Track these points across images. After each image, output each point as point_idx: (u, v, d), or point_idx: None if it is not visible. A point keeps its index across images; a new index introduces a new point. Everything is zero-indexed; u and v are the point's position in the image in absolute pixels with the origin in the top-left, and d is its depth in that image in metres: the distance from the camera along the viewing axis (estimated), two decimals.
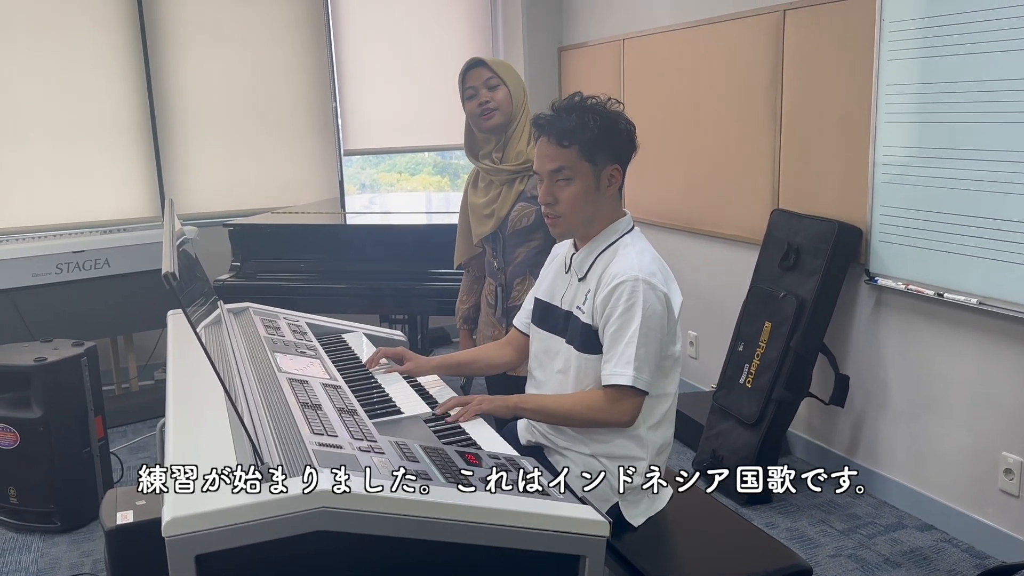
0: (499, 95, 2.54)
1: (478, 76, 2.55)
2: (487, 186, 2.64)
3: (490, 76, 2.54)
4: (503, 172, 2.57)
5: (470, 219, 2.73)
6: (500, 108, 2.54)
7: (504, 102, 2.54)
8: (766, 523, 3.14)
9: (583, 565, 1.47)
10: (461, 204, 2.81)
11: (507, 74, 2.56)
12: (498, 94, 2.54)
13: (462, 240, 2.83)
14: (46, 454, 3.12)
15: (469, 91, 2.57)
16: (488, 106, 2.54)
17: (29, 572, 2.93)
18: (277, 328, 2.39)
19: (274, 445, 1.49)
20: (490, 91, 2.54)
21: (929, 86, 2.85)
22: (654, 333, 1.89)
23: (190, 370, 1.95)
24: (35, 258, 3.92)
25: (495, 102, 2.53)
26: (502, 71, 2.56)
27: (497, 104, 2.54)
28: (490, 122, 2.55)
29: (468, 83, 2.57)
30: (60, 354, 3.18)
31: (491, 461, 1.63)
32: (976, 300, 2.77)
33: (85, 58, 4.56)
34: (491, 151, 2.61)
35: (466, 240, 2.80)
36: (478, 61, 2.57)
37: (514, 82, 2.57)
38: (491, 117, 2.55)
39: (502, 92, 2.54)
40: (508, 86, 2.55)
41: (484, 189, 2.65)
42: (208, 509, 1.26)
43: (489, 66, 2.55)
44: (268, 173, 5.04)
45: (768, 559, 1.87)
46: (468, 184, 2.76)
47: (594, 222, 2.00)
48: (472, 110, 2.58)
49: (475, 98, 2.56)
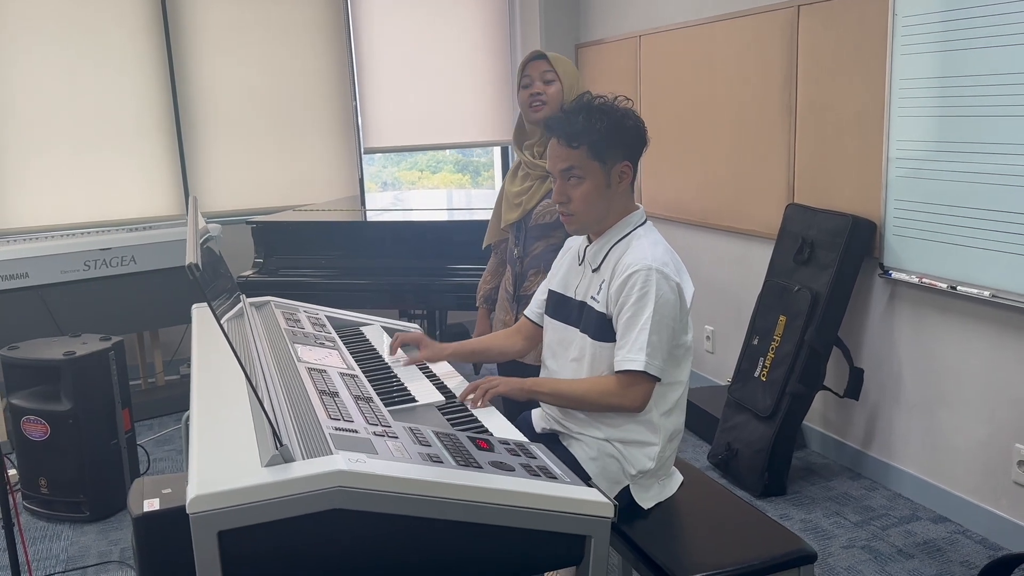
0: (551, 89, 2.60)
1: (536, 67, 2.63)
2: (524, 177, 2.73)
3: (547, 70, 2.61)
4: (538, 167, 2.64)
5: (503, 204, 2.82)
6: (549, 103, 2.60)
7: (555, 97, 2.60)
8: (780, 514, 3.17)
9: (589, 544, 1.52)
10: (500, 189, 2.90)
11: (564, 71, 2.63)
12: (551, 88, 2.60)
13: (494, 222, 2.92)
14: (75, 446, 3.21)
15: (525, 80, 2.65)
16: (540, 98, 2.60)
17: (59, 560, 3.01)
18: (297, 321, 2.45)
19: (293, 429, 1.55)
20: (544, 84, 2.61)
21: (942, 80, 2.87)
22: (666, 321, 1.94)
23: (213, 362, 2.02)
24: (63, 255, 4.02)
25: (547, 95, 2.60)
26: (560, 67, 2.62)
27: (548, 98, 2.60)
28: (538, 114, 2.62)
29: (526, 72, 2.65)
30: (88, 348, 3.27)
31: (501, 446, 1.68)
32: (989, 293, 2.79)
33: (111, 60, 4.67)
34: (534, 144, 2.68)
35: (496, 223, 2.89)
36: (540, 54, 2.65)
37: (569, 81, 2.63)
38: (540, 109, 2.61)
39: (555, 87, 2.60)
40: (563, 83, 2.61)
41: (521, 179, 2.74)
42: (230, 487, 1.32)
43: (549, 60, 2.63)
44: (290, 171, 5.12)
45: (774, 545, 1.91)
46: (510, 172, 2.85)
47: (607, 217, 2.06)
48: (524, 99, 2.65)
49: (529, 87, 2.64)
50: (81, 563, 2.98)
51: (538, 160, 2.65)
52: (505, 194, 2.79)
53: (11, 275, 3.91)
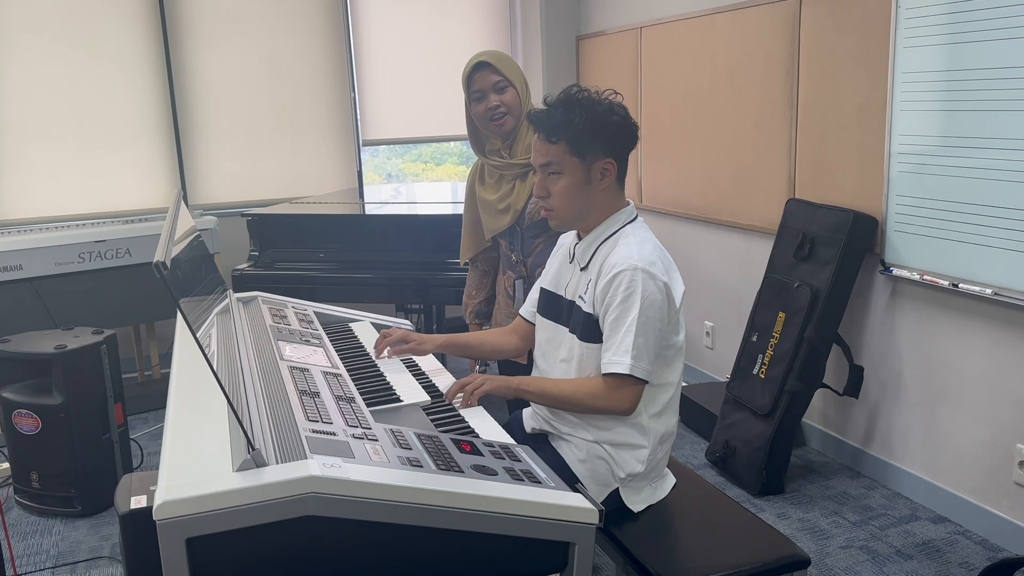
0: (508, 98, 2.50)
1: (485, 79, 2.51)
2: (497, 181, 2.62)
3: (498, 80, 2.50)
4: (514, 167, 2.55)
5: (482, 215, 2.70)
6: (511, 112, 2.51)
7: (514, 104, 2.51)
8: (778, 513, 3.13)
9: (573, 551, 1.48)
10: (466, 200, 2.78)
11: (512, 73, 2.52)
12: (507, 97, 2.50)
13: (469, 236, 2.80)
14: (67, 440, 3.19)
15: (476, 94, 2.53)
16: (499, 111, 2.50)
17: (50, 555, 2.99)
18: (284, 317, 2.42)
19: (269, 431, 1.51)
20: (499, 95, 2.50)
21: (946, 74, 2.81)
22: (653, 322, 1.89)
23: (194, 361, 1.98)
24: (58, 247, 3.99)
25: (506, 106, 2.50)
26: (508, 71, 2.51)
27: (508, 108, 2.50)
28: (503, 127, 2.52)
29: (475, 86, 2.53)
30: (80, 342, 3.24)
31: (485, 449, 1.64)
32: (992, 291, 2.74)
33: (107, 51, 4.63)
34: (499, 147, 2.59)
35: (472, 236, 2.79)
36: (484, 63, 2.52)
37: (519, 80, 2.53)
38: (504, 122, 2.51)
39: (511, 94, 2.50)
40: (515, 86, 2.51)
41: (495, 184, 2.63)
42: (198, 493, 1.28)
43: (496, 68, 2.50)
44: (287, 163, 5.09)
45: (766, 550, 1.87)
46: (473, 179, 2.73)
47: (590, 214, 2.01)
48: (481, 113, 2.53)
49: (483, 101, 2.52)
50: (71, 558, 2.96)
51: (510, 159, 2.55)
52: (482, 202, 2.67)
53: (5, 267, 3.88)
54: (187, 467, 1.39)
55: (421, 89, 5.26)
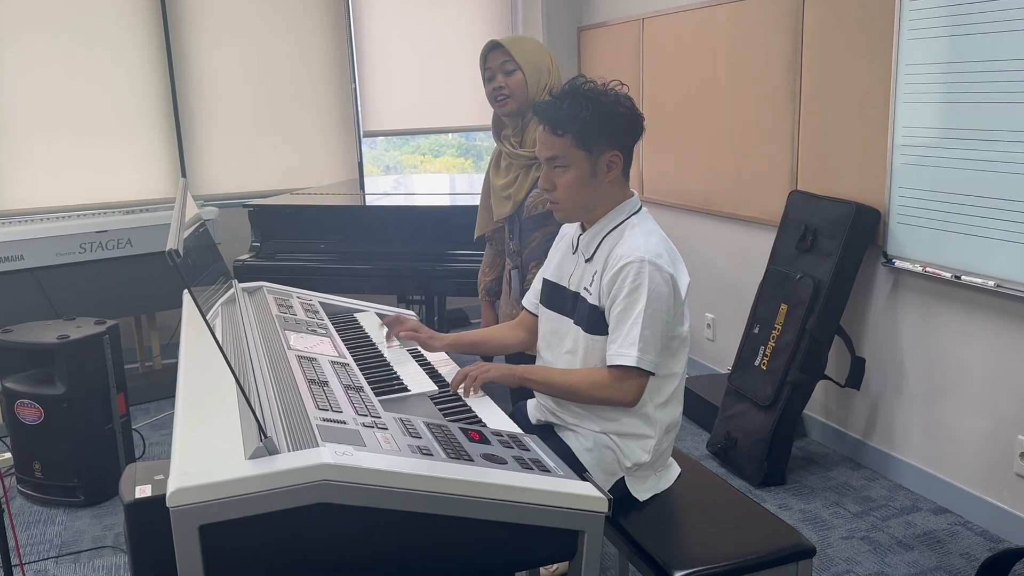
0: (513, 81, 2.47)
1: (495, 59, 2.49)
2: (507, 168, 2.62)
3: (506, 60, 2.47)
4: (521, 157, 2.54)
5: (491, 198, 2.73)
6: (513, 95, 2.48)
7: (518, 88, 2.48)
8: (779, 504, 3.14)
9: (582, 540, 1.49)
10: (484, 179, 2.80)
11: (524, 59, 2.48)
12: (512, 80, 2.47)
13: (483, 213, 2.83)
14: (69, 430, 3.19)
15: (487, 72, 2.53)
16: (503, 91, 2.48)
17: (53, 545, 3.00)
18: (290, 307, 2.42)
19: (280, 420, 1.51)
20: (505, 76, 2.48)
21: (950, 66, 2.81)
22: (659, 314, 1.89)
23: (202, 349, 1.98)
24: (59, 238, 3.99)
25: (509, 88, 2.47)
26: (519, 55, 2.48)
27: (511, 91, 2.48)
28: (505, 108, 2.51)
29: (487, 64, 2.53)
30: (82, 332, 3.24)
31: (494, 438, 1.64)
32: (994, 283, 2.74)
33: (108, 41, 4.62)
34: (511, 135, 2.59)
35: (486, 214, 2.80)
36: (496, 43, 2.51)
37: (532, 67, 2.49)
38: (504, 104, 2.50)
39: (516, 78, 2.47)
40: (524, 72, 2.47)
41: (504, 171, 2.63)
42: (212, 480, 1.28)
43: (506, 49, 2.49)
44: (288, 155, 5.08)
45: (772, 539, 1.88)
46: (492, 162, 2.74)
47: (596, 206, 2.00)
48: (488, 93, 2.54)
49: (492, 80, 2.51)
50: (75, 548, 2.97)
51: (518, 150, 2.55)
52: (492, 186, 2.68)
53: (7, 257, 3.88)
54: (199, 455, 1.39)
55: (422, 81, 5.25)
